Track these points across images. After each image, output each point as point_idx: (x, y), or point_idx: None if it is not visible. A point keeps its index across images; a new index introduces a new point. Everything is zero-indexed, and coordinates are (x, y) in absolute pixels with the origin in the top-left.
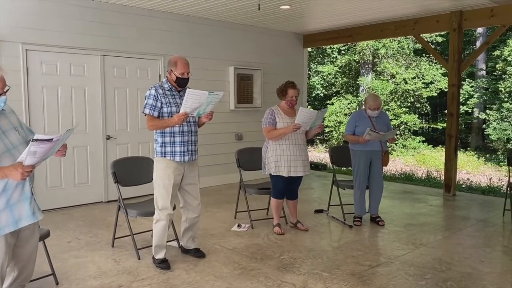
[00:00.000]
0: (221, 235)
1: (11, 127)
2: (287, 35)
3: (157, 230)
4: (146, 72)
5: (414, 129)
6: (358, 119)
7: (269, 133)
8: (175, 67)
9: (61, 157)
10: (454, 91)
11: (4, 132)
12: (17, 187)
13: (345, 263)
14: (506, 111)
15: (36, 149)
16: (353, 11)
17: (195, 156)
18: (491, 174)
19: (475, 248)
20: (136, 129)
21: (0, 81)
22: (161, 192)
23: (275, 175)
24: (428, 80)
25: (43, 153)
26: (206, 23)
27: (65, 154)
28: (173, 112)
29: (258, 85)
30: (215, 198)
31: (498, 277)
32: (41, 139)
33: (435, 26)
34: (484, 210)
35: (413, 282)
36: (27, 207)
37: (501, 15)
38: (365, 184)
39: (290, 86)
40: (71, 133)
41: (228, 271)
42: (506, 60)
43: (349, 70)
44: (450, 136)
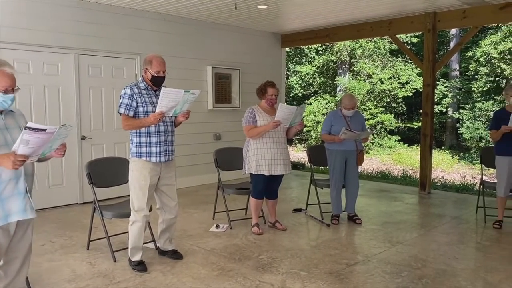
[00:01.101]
0: (199, 236)
1: (16, 126)
2: (265, 34)
3: (133, 232)
4: (122, 71)
5: (390, 129)
6: (333, 118)
7: (249, 131)
8: (150, 66)
9: (60, 157)
10: (429, 91)
11: (8, 128)
12: (10, 181)
13: (323, 262)
14: (478, 110)
15: (28, 137)
16: (329, 12)
17: (172, 156)
18: (464, 172)
19: (449, 245)
20: (112, 129)
21: (10, 79)
22: (137, 193)
23: (256, 174)
24: (403, 80)
25: (37, 145)
26: (183, 22)
27: (64, 154)
28: (149, 112)
29: (236, 85)
30: (193, 199)
31: (471, 273)
32: (34, 128)
33: (410, 27)
34: (458, 208)
35: (390, 280)
36: (19, 203)
37: (473, 16)
38: (341, 183)
39: (270, 85)
40: (67, 130)
41: (206, 272)
42: (478, 60)
43: (327, 70)
44: (425, 135)
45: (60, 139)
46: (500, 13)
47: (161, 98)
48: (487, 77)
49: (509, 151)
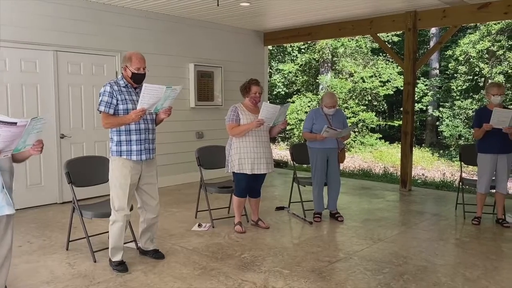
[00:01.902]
0: (181, 235)
1: None
2: (247, 32)
3: (113, 232)
4: (102, 69)
5: (372, 127)
6: (315, 117)
7: (232, 129)
8: (130, 63)
9: (37, 154)
10: (409, 89)
11: None
12: None
13: (305, 259)
14: (458, 108)
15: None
16: (311, 10)
17: (153, 154)
18: (444, 170)
19: (429, 242)
20: (92, 128)
21: None
22: (117, 193)
23: (239, 173)
24: (384, 79)
25: (8, 139)
26: (164, 19)
27: (41, 151)
28: (129, 110)
29: (219, 83)
30: (175, 198)
31: (451, 269)
32: (3, 121)
33: (391, 26)
34: (438, 205)
35: (371, 277)
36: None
37: (452, 16)
38: (323, 181)
39: (254, 83)
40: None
41: (188, 271)
42: (457, 59)
43: (309, 69)
44: (405, 133)
45: (34, 133)
46: (478, 13)
47: (143, 95)
48: (466, 76)
49: (491, 148)
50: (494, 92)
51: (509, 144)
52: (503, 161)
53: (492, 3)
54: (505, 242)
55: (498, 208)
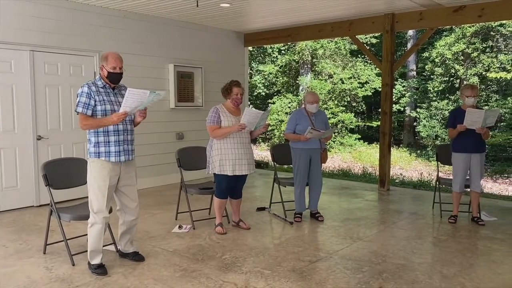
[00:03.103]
0: (161, 237)
1: None
2: (228, 33)
3: (92, 234)
4: (80, 69)
5: (351, 127)
6: (298, 117)
7: (213, 131)
8: (106, 62)
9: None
10: (387, 90)
11: None
12: None
13: (286, 259)
14: (434, 109)
15: None
16: (291, 11)
17: (132, 156)
18: (421, 169)
19: (407, 240)
20: (70, 129)
21: None
22: (96, 195)
23: (219, 174)
24: (363, 80)
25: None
26: (144, 19)
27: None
28: (107, 110)
29: (199, 83)
30: (155, 199)
31: (428, 267)
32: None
33: (369, 28)
34: (415, 204)
35: (351, 276)
36: None
37: (429, 18)
38: (305, 181)
39: (235, 84)
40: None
41: (168, 273)
42: (434, 61)
43: (289, 70)
44: (384, 133)
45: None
46: (454, 15)
47: (126, 99)
48: (442, 77)
49: (464, 148)
50: (468, 93)
51: (482, 144)
52: (476, 160)
53: (467, 6)
54: (480, 239)
55: (473, 207)
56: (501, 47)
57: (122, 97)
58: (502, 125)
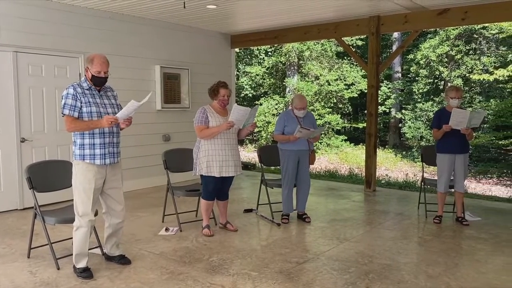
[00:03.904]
0: (147, 240)
1: None
2: (214, 34)
3: (78, 238)
4: (64, 71)
5: (337, 129)
6: (286, 119)
7: (201, 132)
8: (91, 65)
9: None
10: (373, 92)
11: None
12: None
13: (274, 261)
14: (419, 110)
15: None
16: (277, 13)
17: (118, 158)
18: (407, 170)
19: (393, 241)
20: (54, 131)
21: None
22: (81, 197)
23: (206, 176)
24: (349, 82)
25: None
26: (130, 21)
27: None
28: (93, 112)
29: (186, 85)
30: (141, 202)
31: (414, 266)
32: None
33: (355, 30)
34: (401, 204)
35: (338, 276)
36: None
37: (414, 21)
38: (293, 182)
39: (222, 85)
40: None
41: (155, 276)
42: (419, 63)
43: (276, 71)
44: (369, 134)
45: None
46: (438, 18)
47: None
48: (427, 79)
49: (449, 149)
50: (452, 95)
51: (466, 145)
52: (460, 161)
53: (451, 9)
54: (464, 239)
55: (458, 207)
56: (484, 50)
57: (107, 98)
58: (486, 127)
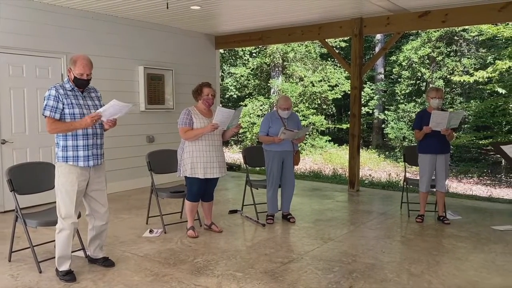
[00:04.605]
0: (131, 242)
1: None
2: (198, 35)
3: (60, 240)
4: (46, 71)
5: (322, 129)
6: (271, 120)
7: (185, 133)
8: (74, 66)
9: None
10: (356, 93)
11: None
12: None
13: (258, 261)
14: (402, 111)
15: None
16: (261, 15)
17: (101, 160)
18: (390, 170)
19: (377, 240)
20: (36, 133)
21: None
22: (64, 200)
23: (191, 177)
24: (333, 83)
25: None
26: (113, 21)
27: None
28: (76, 114)
29: (170, 86)
30: (125, 204)
31: (397, 265)
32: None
33: (338, 32)
34: (384, 204)
35: (322, 276)
36: None
37: (396, 23)
38: (277, 183)
39: (205, 85)
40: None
41: (139, 278)
42: (401, 65)
43: (261, 73)
44: (353, 135)
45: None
46: (419, 20)
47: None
48: (409, 80)
49: (430, 149)
50: (432, 95)
51: (447, 145)
52: (441, 161)
53: (432, 12)
54: (446, 238)
55: (439, 206)
56: (464, 52)
57: (91, 100)
58: (466, 127)
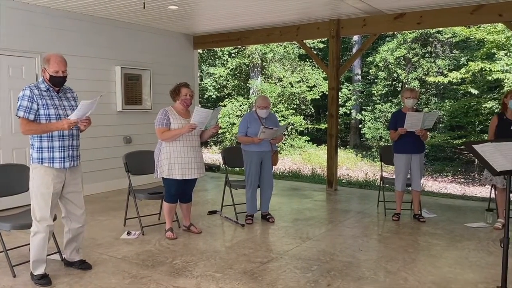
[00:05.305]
0: (109, 244)
1: None
2: (177, 35)
3: (35, 244)
4: (20, 71)
5: (301, 130)
6: (249, 120)
7: (162, 134)
8: (48, 65)
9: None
10: (334, 94)
11: None
12: None
13: (238, 261)
14: (378, 112)
15: None
16: (240, 15)
17: (77, 161)
18: (367, 169)
19: (354, 238)
20: (10, 134)
21: None
22: (39, 202)
23: (168, 178)
24: (311, 84)
25: None
26: (89, 20)
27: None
28: (51, 115)
29: (148, 86)
30: (102, 206)
31: (374, 263)
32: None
33: (316, 33)
34: (361, 203)
35: (301, 275)
36: None
37: (372, 24)
38: (256, 183)
39: (183, 85)
40: None
41: (117, 281)
42: (377, 66)
43: (240, 73)
44: (331, 135)
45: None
46: (395, 22)
47: (79, 109)
48: (385, 81)
49: (405, 149)
50: (407, 95)
51: (422, 145)
52: (417, 161)
53: (407, 14)
54: (421, 235)
55: (415, 205)
56: (439, 53)
57: (67, 100)
58: (441, 127)
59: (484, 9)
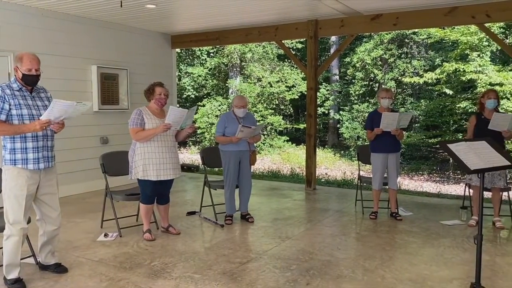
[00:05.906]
0: (85, 247)
1: None
2: (154, 34)
3: (8, 247)
4: None
5: (280, 129)
6: (227, 120)
7: (136, 134)
8: (20, 63)
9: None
10: (312, 94)
11: None
12: None
13: (217, 262)
14: (356, 112)
15: None
16: (218, 15)
17: (52, 162)
18: (345, 169)
19: (332, 237)
20: None
21: None
22: (12, 205)
23: (143, 180)
24: (290, 84)
25: None
26: (64, 18)
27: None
28: (24, 115)
29: (125, 85)
30: (79, 207)
31: (352, 261)
32: None
33: (294, 33)
34: (340, 202)
35: (280, 274)
36: None
37: (350, 25)
38: (235, 183)
39: (157, 84)
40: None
41: (94, 284)
42: (355, 66)
43: (219, 73)
44: (309, 135)
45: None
46: (372, 23)
47: (51, 109)
48: (363, 81)
49: (382, 148)
50: (382, 95)
51: (398, 144)
52: (393, 160)
53: (383, 15)
54: (398, 233)
55: (391, 203)
56: (414, 54)
57: (40, 100)
58: (417, 126)
59: (458, 11)
